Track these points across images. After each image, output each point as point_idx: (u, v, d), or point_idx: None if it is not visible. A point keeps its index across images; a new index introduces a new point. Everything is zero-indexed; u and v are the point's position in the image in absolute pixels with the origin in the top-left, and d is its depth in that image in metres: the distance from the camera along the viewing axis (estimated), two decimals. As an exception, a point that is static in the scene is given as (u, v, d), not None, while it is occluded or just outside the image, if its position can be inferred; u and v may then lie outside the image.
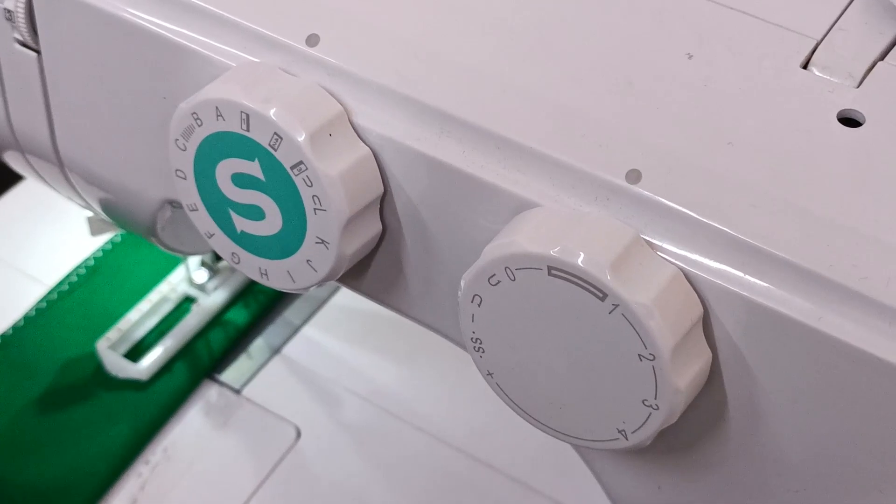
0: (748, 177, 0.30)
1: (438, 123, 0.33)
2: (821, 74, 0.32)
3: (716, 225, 0.30)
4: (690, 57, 0.32)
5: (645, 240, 0.30)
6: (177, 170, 0.36)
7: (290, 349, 0.60)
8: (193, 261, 0.62)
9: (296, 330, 0.61)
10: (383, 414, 0.57)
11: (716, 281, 0.30)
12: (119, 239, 0.65)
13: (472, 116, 0.32)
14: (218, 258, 0.62)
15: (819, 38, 0.33)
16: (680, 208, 0.30)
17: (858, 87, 0.32)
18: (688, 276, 0.30)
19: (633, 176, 0.31)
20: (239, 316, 0.61)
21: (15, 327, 0.61)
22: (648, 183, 0.30)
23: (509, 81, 0.33)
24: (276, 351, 0.60)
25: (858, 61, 0.32)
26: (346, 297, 0.63)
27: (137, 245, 0.64)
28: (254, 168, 0.34)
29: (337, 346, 0.60)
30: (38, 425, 0.57)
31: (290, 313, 0.62)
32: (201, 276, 0.62)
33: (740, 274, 0.30)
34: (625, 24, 0.34)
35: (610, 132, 0.31)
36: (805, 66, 0.32)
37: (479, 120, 0.32)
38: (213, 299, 0.61)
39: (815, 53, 0.33)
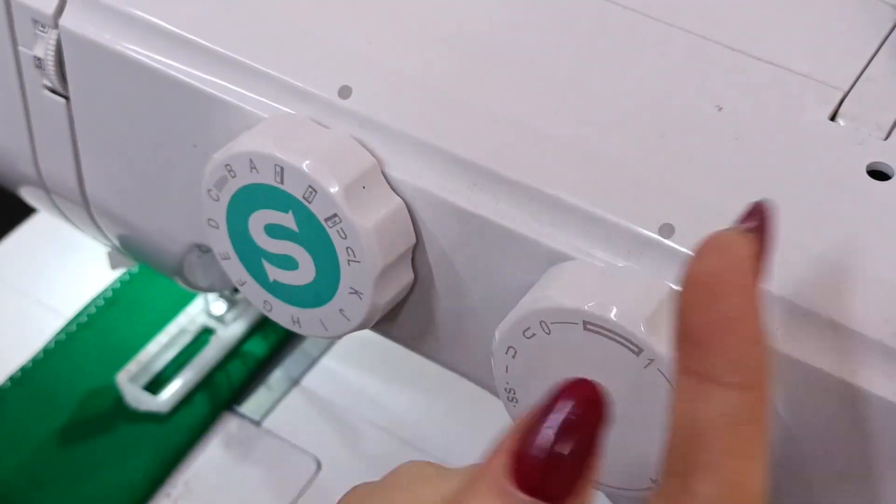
0: (780, 230, 0.31)
1: (470, 175, 0.33)
2: (849, 126, 0.33)
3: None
4: (720, 109, 0.33)
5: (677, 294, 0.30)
6: (209, 219, 0.36)
7: (309, 380, 0.60)
8: (212, 293, 0.62)
9: (314, 361, 0.61)
10: (403, 445, 0.57)
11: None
12: (137, 270, 0.65)
13: (504, 168, 0.33)
14: (236, 290, 0.62)
15: (846, 88, 0.33)
16: (712, 262, 0.30)
17: (886, 139, 0.32)
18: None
19: (667, 230, 0.31)
20: (257, 347, 0.61)
21: (35, 360, 0.61)
22: (681, 237, 0.31)
23: (541, 132, 0.33)
24: (295, 382, 0.60)
25: (886, 112, 0.33)
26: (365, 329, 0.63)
27: (155, 276, 0.65)
28: (287, 220, 0.34)
29: (356, 377, 0.61)
30: (59, 458, 0.57)
31: (309, 345, 0.62)
32: (219, 307, 0.62)
33: (772, 329, 0.30)
34: (655, 75, 0.34)
35: (642, 185, 0.32)
36: (833, 118, 0.33)
37: (510, 172, 0.32)
38: (232, 331, 0.61)
39: (843, 104, 0.33)
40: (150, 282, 0.65)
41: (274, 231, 0.35)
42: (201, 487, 0.55)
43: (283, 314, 0.37)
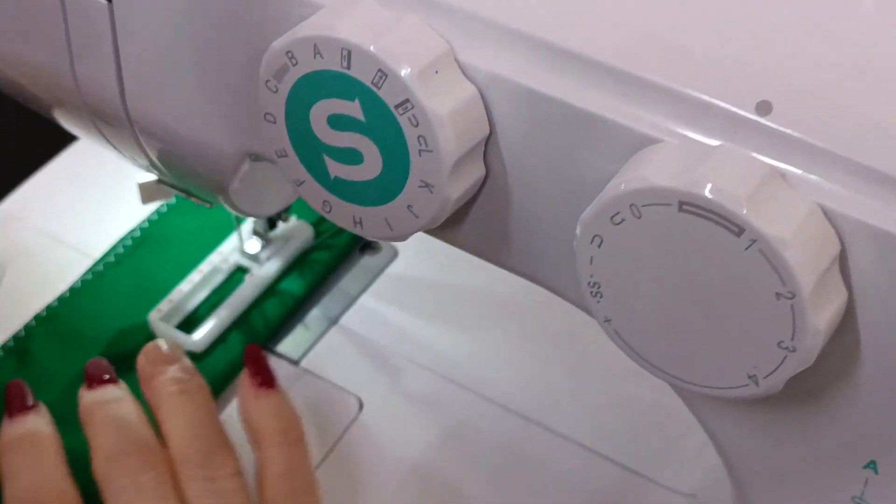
0: (882, 107, 0.29)
1: (550, 59, 0.31)
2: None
3: (851, 158, 0.28)
4: (814, -14, 0.31)
5: (778, 173, 0.29)
6: (266, 113, 0.34)
7: (348, 319, 0.59)
8: (245, 230, 0.60)
9: (353, 300, 0.59)
10: (446, 382, 0.55)
11: (853, 215, 0.28)
12: (165, 209, 0.63)
13: (586, 50, 0.31)
14: (271, 227, 0.60)
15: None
16: (813, 141, 0.29)
17: None
18: (824, 211, 0.28)
19: (764, 107, 0.29)
20: (294, 286, 0.59)
21: (61, 299, 0.59)
22: (779, 115, 0.29)
23: (624, 15, 0.31)
24: (333, 321, 0.58)
25: None
26: (402, 267, 0.61)
27: (185, 213, 0.63)
28: (353, 108, 0.32)
29: (396, 315, 0.59)
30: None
31: (347, 283, 0.60)
32: (254, 245, 0.60)
33: (879, 207, 0.28)
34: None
35: (735, 64, 0.30)
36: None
37: (594, 53, 0.31)
38: (267, 269, 0.59)
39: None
40: (180, 220, 0.63)
41: (338, 122, 0.33)
42: (239, 427, 0.53)
43: (344, 215, 0.35)
